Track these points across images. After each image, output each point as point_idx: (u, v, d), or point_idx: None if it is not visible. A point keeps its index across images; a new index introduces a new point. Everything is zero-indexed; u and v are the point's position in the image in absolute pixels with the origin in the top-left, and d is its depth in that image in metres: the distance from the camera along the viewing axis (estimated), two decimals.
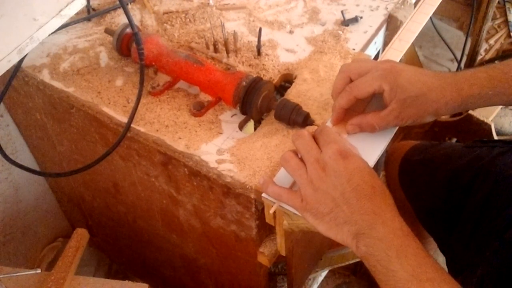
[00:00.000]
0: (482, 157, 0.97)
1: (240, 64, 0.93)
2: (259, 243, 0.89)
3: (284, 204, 0.71)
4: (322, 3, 1.04)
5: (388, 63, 0.76)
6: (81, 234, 1.06)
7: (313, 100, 0.86)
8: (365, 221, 0.62)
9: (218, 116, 0.87)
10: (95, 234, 1.38)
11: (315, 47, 0.96)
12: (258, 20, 1.02)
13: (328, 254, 1.28)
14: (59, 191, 1.36)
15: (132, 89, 0.91)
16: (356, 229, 0.63)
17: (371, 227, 0.62)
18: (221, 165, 0.80)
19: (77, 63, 0.95)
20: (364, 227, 0.62)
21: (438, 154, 1.06)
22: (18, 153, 1.22)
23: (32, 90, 0.98)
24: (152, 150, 0.86)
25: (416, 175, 1.08)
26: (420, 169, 1.07)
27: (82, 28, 1.02)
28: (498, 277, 0.79)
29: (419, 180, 1.07)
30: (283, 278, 1.21)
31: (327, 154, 0.66)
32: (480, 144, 1.03)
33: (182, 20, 1.02)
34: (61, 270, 0.99)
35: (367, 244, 0.62)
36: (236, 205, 0.83)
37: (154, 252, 1.23)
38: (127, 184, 1.04)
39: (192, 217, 0.96)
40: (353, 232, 0.63)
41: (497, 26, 1.89)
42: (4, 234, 1.29)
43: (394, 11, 1.00)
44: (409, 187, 1.10)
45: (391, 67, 0.75)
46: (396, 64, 0.76)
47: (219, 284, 1.15)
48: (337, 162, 0.65)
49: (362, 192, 0.63)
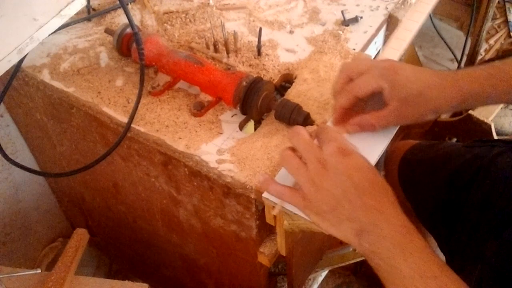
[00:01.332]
0: (481, 156, 0.97)
1: (240, 64, 0.93)
2: (259, 243, 0.89)
3: (286, 203, 0.70)
4: (322, 3, 1.04)
5: (388, 62, 0.76)
6: (81, 234, 1.06)
7: (313, 100, 0.86)
8: (368, 218, 0.62)
9: (218, 116, 0.87)
10: (95, 234, 1.38)
11: (315, 47, 0.96)
12: (258, 20, 1.02)
13: (328, 254, 1.28)
14: (59, 191, 1.36)
15: (132, 89, 0.91)
16: (359, 227, 0.62)
17: (374, 224, 0.61)
18: (221, 165, 0.80)
19: (77, 63, 0.95)
20: (367, 224, 0.62)
21: (438, 154, 1.06)
22: (18, 153, 1.22)
23: (32, 90, 0.98)
24: (152, 150, 0.86)
25: (415, 174, 1.08)
26: (420, 168, 1.07)
27: (82, 28, 1.02)
28: (496, 276, 0.79)
29: (419, 179, 1.07)
30: (283, 278, 1.21)
31: (327, 152, 0.65)
32: (480, 144, 1.03)
33: (182, 20, 1.02)
34: (61, 270, 0.99)
35: (370, 241, 0.61)
36: (236, 205, 0.83)
37: (154, 252, 1.23)
38: (127, 184, 1.04)
39: (192, 217, 0.96)
40: (356, 230, 0.63)
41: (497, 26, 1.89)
42: (4, 234, 1.29)
43: (394, 11, 1.00)
44: (409, 186, 1.10)
45: (390, 65, 0.75)
46: (395, 63, 0.76)
47: (219, 284, 1.15)
48: (337, 159, 0.64)
49: (363, 189, 0.62)
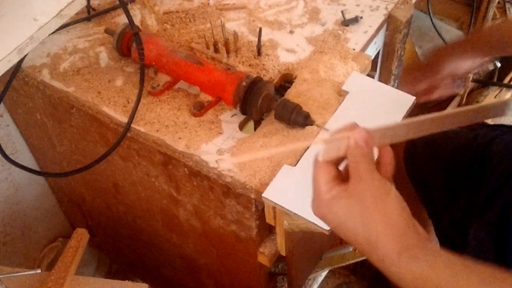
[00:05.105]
0: (481, 137, 0.99)
1: (240, 64, 0.93)
2: (259, 243, 0.89)
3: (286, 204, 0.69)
4: (322, 3, 1.04)
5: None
6: (81, 234, 1.06)
7: (313, 100, 0.86)
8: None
9: (218, 116, 0.87)
10: (95, 234, 1.38)
11: (315, 47, 0.96)
12: (258, 20, 1.02)
13: (328, 254, 1.28)
14: (59, 191, 1.36)
15: (132, 89, 0.91)
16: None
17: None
18: (221, 165, 0.80)
19: (77, 63, 0.95)
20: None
21: (441, 136, 1.07)
22: (18, 153, 1.22)
23: (32, 90, 0.98)
24: (152, 150, 0.86)
25: (418, 155, 1.10)
26: (423, 149, 1.09)
27: (82, 28, 1.02)
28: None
29: (421, 159, 1.09)
30: (283, 278, 1.21)
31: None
32: (482, 127, 1.05)
33: (182, 20, 1.02)
34: (61, 270, 0.99)
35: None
36: (236, 205, 0.83)
37: (154, 252, 1.23)
38: (127, 184, 1.04)
39: (192, 217, 0.96)
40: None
41: None
42: (4, 234, 1.29)
43: (394, 11, 1.00)
44: (412, 167, 1.11)
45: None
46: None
47: (219, 284, 1.15)
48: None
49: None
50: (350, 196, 0.54)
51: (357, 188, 0.54)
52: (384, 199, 0.54)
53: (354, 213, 0.54)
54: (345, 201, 0.54)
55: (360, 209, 0.54)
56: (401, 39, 1.03)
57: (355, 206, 0.54)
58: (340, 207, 0.54)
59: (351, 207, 0.54)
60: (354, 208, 0.54)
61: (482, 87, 1.73)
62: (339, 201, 0.54)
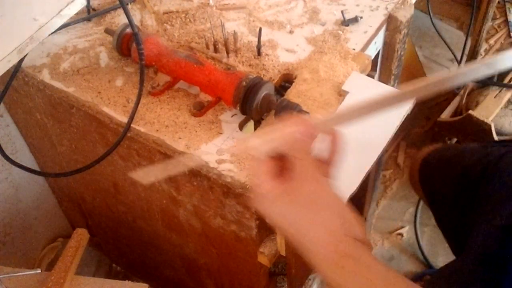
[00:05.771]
0: (493, 154, 0.99)
1: (240, 64, 0.93)
2: (259, 243, 0.89)
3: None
4: (322, 3, 1.04)
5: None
6: (81, 234, 1.07)
7: (313, 100, 0.86)
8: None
9: (218, 116, 0.87)
10: (95, 234, 1.38)
11: (315, 47, 0.96)
12: (258, 20, 1.02)
13: None
14: (59, 191, 1.36)
15: (132, 89, 0.91)
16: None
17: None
18: (221, 165, 0.80)
19: (77, 63, 0.95)
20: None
21: (455, 153, 1.08)
22: (18, 153, 1.22)
23: (32, 90, 0.98)
24: (152, 150, 0.86)
25: (433, 173, 1.10)
26: (437, 166, 1.09)
27: (82, 28, 1.02)
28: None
29: (436, 177, 1.09)
30: (283, 278, 1.21)
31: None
32: (494, 144, 1.05)
33: (182, 20, 1.02)
34: (61, 270, 0.99)
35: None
36: (236, 205, 0.83)
37: (154, 252, 1.23)
38: (127, 184, 1.04)
39: (192, 217, 0.96)
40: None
41: (497, 26, 1.90)
42: (4, 234, 1.29)
43: (394, 11, 1.00)
44: (425, 185, 1.11)
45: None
46: None
47: (219, 284, 1.15)
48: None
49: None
50: (285, 195, 0.54)
51: (292, 187, 0.55)
52: (317, 201, 0.55)
53: (287, 216, 0.55)
54: (281, 202, 0.55)
55: (293, 212, 0.55)
56: (401, 39, 1.03)
57: (288, 208, 0.55)
58: (276, 207, 0.55)
59: (284, 209, 0.55)
60: (287, 210, 0.55)
61: (482, 87, 1.73)
62: (275, 201, 0.55)
